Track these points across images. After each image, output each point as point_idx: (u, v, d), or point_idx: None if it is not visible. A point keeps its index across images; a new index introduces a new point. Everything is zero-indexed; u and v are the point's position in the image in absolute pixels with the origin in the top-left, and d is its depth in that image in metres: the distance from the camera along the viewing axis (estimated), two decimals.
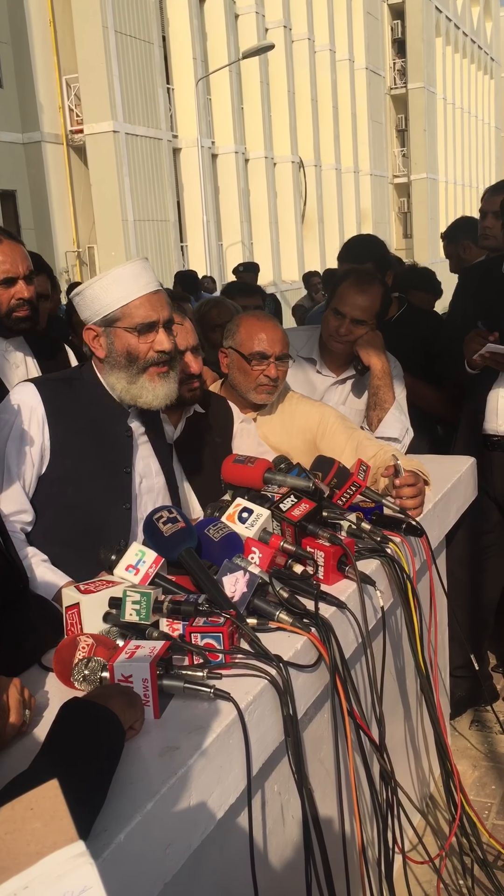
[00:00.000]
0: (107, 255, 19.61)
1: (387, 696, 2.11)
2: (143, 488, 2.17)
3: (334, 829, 1.90)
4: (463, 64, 41.60)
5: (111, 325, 2.04)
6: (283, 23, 25.74)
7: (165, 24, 21.68)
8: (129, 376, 2.06)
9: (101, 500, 2.08)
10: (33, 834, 0.71)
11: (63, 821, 0.73)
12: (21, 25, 18.43)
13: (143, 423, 2.19)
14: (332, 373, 3.08)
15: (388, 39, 36.27)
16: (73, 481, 2.07)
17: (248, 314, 2.73)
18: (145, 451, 2.21)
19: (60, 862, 0.70)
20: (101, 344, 2.07)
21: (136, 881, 1.17)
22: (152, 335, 2.04)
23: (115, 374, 2.07)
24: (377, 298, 2.92)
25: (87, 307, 2.07)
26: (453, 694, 3.19)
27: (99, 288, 2.03)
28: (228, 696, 1.40)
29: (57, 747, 1.19)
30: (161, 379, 2.07)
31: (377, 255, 3.50)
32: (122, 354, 2.04)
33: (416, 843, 2.37)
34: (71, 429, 2.07)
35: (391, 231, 35.72)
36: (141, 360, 2.04)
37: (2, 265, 2.49)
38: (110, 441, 2.13)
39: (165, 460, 2.27)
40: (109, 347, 2.06)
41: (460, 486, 2.75)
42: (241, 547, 1.83)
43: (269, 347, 2.54)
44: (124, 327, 2.03)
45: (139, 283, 2.04)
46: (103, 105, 18.98)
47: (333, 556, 1.88)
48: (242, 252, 23.67)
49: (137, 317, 2.02)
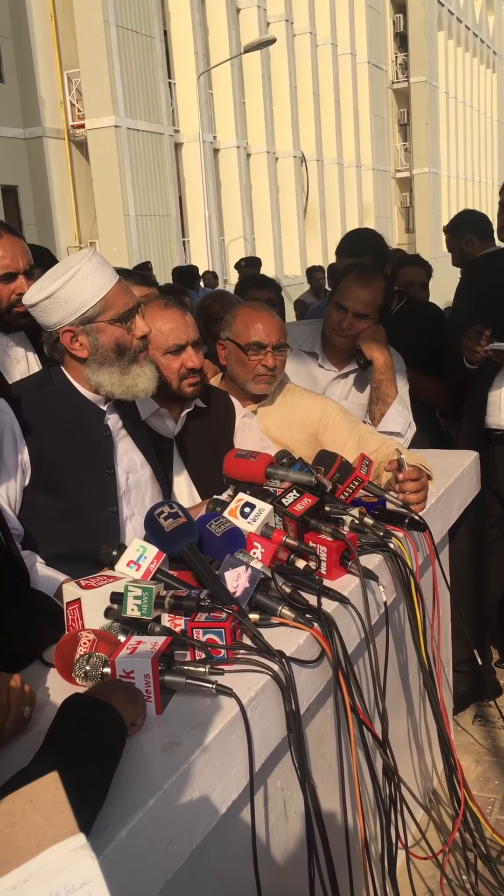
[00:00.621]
0: (108, 249, 19.57)
1: (390, 692, 2.10)
2: (130, 483, 2.14)
3: (337, 824, 1.89)
4: (465, 58, 41.46)
5: (92, 321, 1.97)
6: (285, 17, 25.66)
7: (167, 19, 21.63)
8: (120, 369, 2.01)
9: (88, 504, 2.04)
10: (33, 827, 0.71)
11: (63, 813, 0.72)
12: (22, 20, 18.39)
13: (120, 416, 2.15)
14: (335, 367, 3.07)
15: (390, 33, 36.16)
16: (57, 490, 2.02)
17: (244, 305, 2.73)
18: (126, 444, 2.17)
19: (61, 855, 0.69)
20: (82, 343, 1.99)
21: (138, 877, 1.16)
22: (131, 323, 2.01)
23: (104, 371, 2.01)
24: (379, 292, 2.91)
25: (59, 310, 1.96)
26: (456, 689, 3.19)
27: (73, 286, 1.93)
28: (231, 691, 1.40)
29: (58, 744, 1.18)
30: (146, 362, 2.05)
31: (375, 249, 3.49)
32: (111, 349, 1.99)
33: (419, 839, 2.37)
34: (49, 438, 2.02)
35: (393, 225, 35.66)
36: (130, 349, 2.01)
37: (2, 260, 2.48)
38: (90, 444, 2.08)
39: (147, 450, 2.23)
40: (94, 345, 1.99)
41: (463, 481, 2.74)
42: (243, 542, 1.82)
43: (266, 337, 2.53)
44: (108, 320, 1.97)
45: (107, 273, 1.99)
46: (105, 100, 18.95)
47: (336, 551, 1.87)
48: (244, 247, 23.64)
49: (118, 306, 1.98)
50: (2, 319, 2.55)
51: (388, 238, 3.55)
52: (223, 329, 2.64)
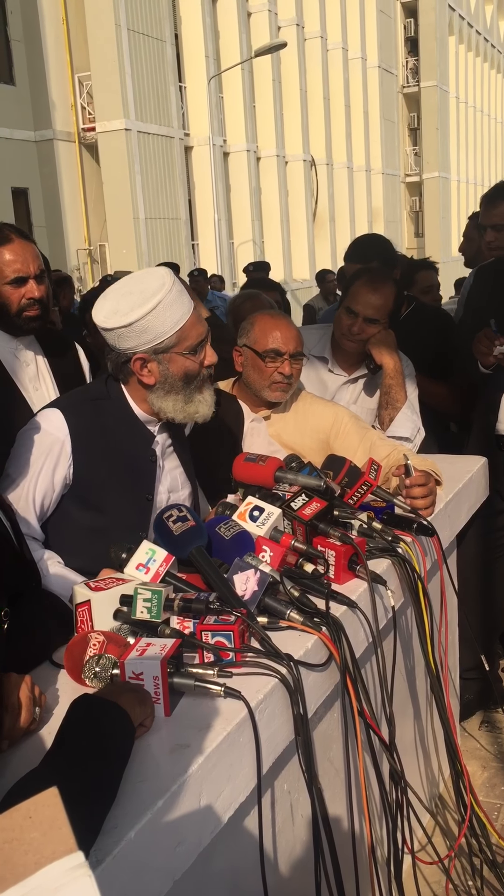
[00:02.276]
0: (118, 252, 19.64)
1: (397, 696, 2.11)
2: (171, 503, 2.13)
3: (344, 828, 1.90)
4: (476, 62, 41.46)
5: (166, 352, 1.95)
6: (296, 21, 25.72)
7: (178, 23, 21.70)
8: (185, 397, 2.00)
9: (119, 525, 2.03)
10: (32, 843, 0.70)
11: (62, 830, 0.71)
12: (34, 23, 18.48)
13: (170, 435, 2.16)
14: (344, 371, 3.07)
15: (401, 38, 36.19)
16: (91, 506, 2.04)
17: (261, 312, 2.72)
18: (172, 462, 2.18)
19: (58, 873, 0.68)
20: (150, 370, 1.97)
21: (145, 879, 1.17)
22: (203, 351, 1.99)
23: (170, 399, 2.00)
24: (390, 297, 2.91)
25: (134, 338, 1.92)
26: (463, 696, 3.18)
27: (153, 318, 1.89)
28: (239, 694, 1.40)
29: (67, 745, 1.19)
30: (207, 388, 2.04)
31: (384, 254, 3.49)
32: (180, 378, 1.97)
33: (425, 844, 2.36)
34: (95, 454, 2.02)
35: (403, 230, 35.66)
36: (197, 378, 2.00)
37: (13, 264, 2.49)
38: (134, 466, 2.08)
39: (189, 467, 2.25)
40: (164, 374, 1.97)
41: (472, 486, 2.74)
42: (251, 545, 1.83)
43: (284, 345, 2.54)
44: (180, 352, 1.95)
45: (185, 303, 1.95)
46: (115, 103, 19.02)
47: (344, 556, 1.87)
48: (253, 250, 23.67)
49: (192, 338, 1.95)
50: (12, 323, 2.55)
51: (397, 242, 3.53)
52: (240, 335, 2.64)
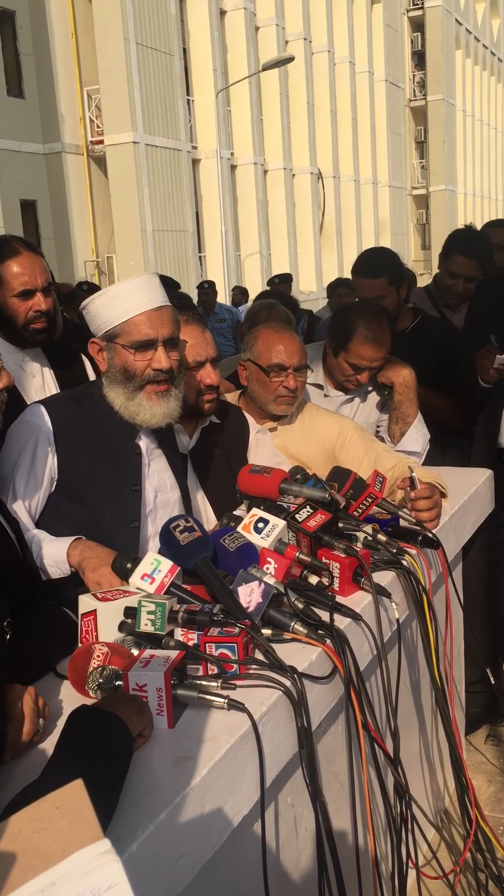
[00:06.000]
0: (125, 264, 19.71)
1: (401, 709, 2.10)
2: (158, 503, 2.16)
3: (348, 842, 1.89)
4: (483, 76, 41.62)
5: (112, 341, 2.03)
6: (303, 35, 25.86)
7: (186, 36, 21.84)
8: (126, 392, 2.04)
9: (109, 518, 2.06)
10: (60, 832, 0.73)
11: (88, 819, 0.75)
12: (43, 37, 18.62)
13: (156, 437, 2.17)
14: (340, 392, 3.06)
15: (408, 51, 36.36)
16: (81, 500, 2.06)
17: (264, 326, 2.73)
18: (160, 464, 2.19)
19: (87, 859, 0.71)
20: (103, 358, 2.06)
21: (148, 891, 1.16)
22: (150, 353, 2.01)
23: (114, 390, 2.06)
24: (388, 337, 2.87)
25: (91, 321, 2.07)
26: (469, 709, 3.17)
27: (101, 303, 2.02)
28: (243, 706, 1.40)
29: (66, 756, 1.19)
30: (159, 398, 2.04)
31: (391, 268, 3.49)
32: (120, 370, 2.03)
33: (430, 858, 2.35)
34: (79, 448, 2.06)
35: (409, 242, 35.73)
36: (137, 377, 2.02)
37: (20, 277, 2.50)
38: (119, 459, 2.11)
39: (180, 473, 2.26)
40: (110, 362, 2.05)
41: (477, 499, 2.73)
42: (256, 557, 1.83)
43: (288, 359, 2.54)
44: (122, 344, 2.01)
45: (140, 298, 2.01)
46: (124, 116, 19.13)
47: (349, 568, 1.87)
48: (260, 262, 23.73)
49: (136, 334, 2.00)
50: (19, 335, 2.57)
51: (403, 255, 3.56)
52: (244, 349, 2.65)
